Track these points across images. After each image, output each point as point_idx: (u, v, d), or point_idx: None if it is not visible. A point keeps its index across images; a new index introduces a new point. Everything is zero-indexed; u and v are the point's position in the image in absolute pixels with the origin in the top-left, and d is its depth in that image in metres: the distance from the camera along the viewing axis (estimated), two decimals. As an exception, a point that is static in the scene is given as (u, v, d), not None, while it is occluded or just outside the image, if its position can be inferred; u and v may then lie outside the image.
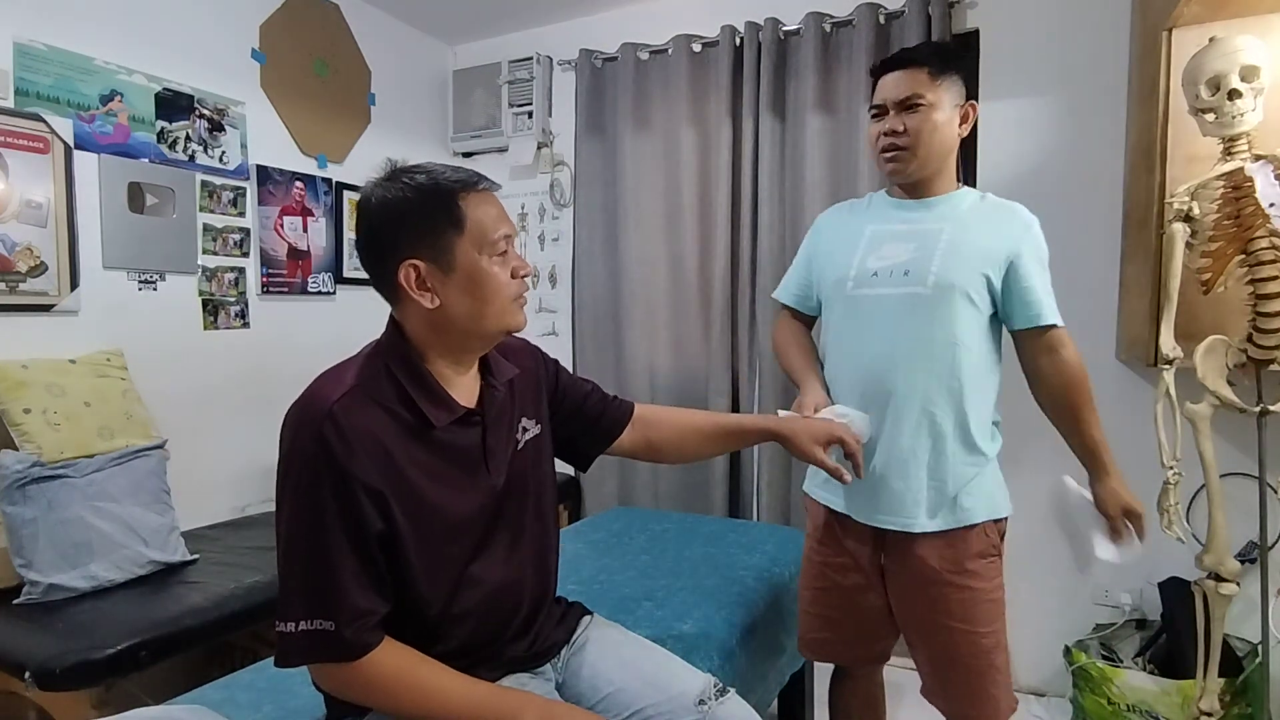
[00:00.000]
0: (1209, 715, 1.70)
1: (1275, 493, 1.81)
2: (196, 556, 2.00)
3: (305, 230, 2.74)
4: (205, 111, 2.39)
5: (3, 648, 1.55)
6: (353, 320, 2.87)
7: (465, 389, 1.05)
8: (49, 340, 2.01)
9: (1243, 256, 1.59)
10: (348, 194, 2.88)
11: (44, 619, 1.64)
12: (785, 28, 2.62)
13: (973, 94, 1.43)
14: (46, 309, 2.02)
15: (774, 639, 1.69)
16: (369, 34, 2.97)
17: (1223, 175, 1.61)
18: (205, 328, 2.42)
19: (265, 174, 2.58)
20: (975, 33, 2.40)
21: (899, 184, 1.43)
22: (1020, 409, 1.44)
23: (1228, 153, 1.61)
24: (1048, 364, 1.34)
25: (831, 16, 2.55)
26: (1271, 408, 1.64)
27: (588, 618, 1.23)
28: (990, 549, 1.37)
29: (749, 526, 2.20)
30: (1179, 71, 1.70)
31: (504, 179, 2.91)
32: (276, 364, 2.59)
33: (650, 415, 1.29)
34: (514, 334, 1.07)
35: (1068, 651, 2.13)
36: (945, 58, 1.36)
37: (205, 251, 2.40)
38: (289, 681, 1.26)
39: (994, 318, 1.37)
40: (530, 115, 3.10)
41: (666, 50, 2.82)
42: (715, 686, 1.11)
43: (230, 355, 2.49)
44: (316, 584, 0.91)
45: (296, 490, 0.92)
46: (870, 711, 1.62)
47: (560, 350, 3.08)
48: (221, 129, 2.44)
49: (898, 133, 1.34)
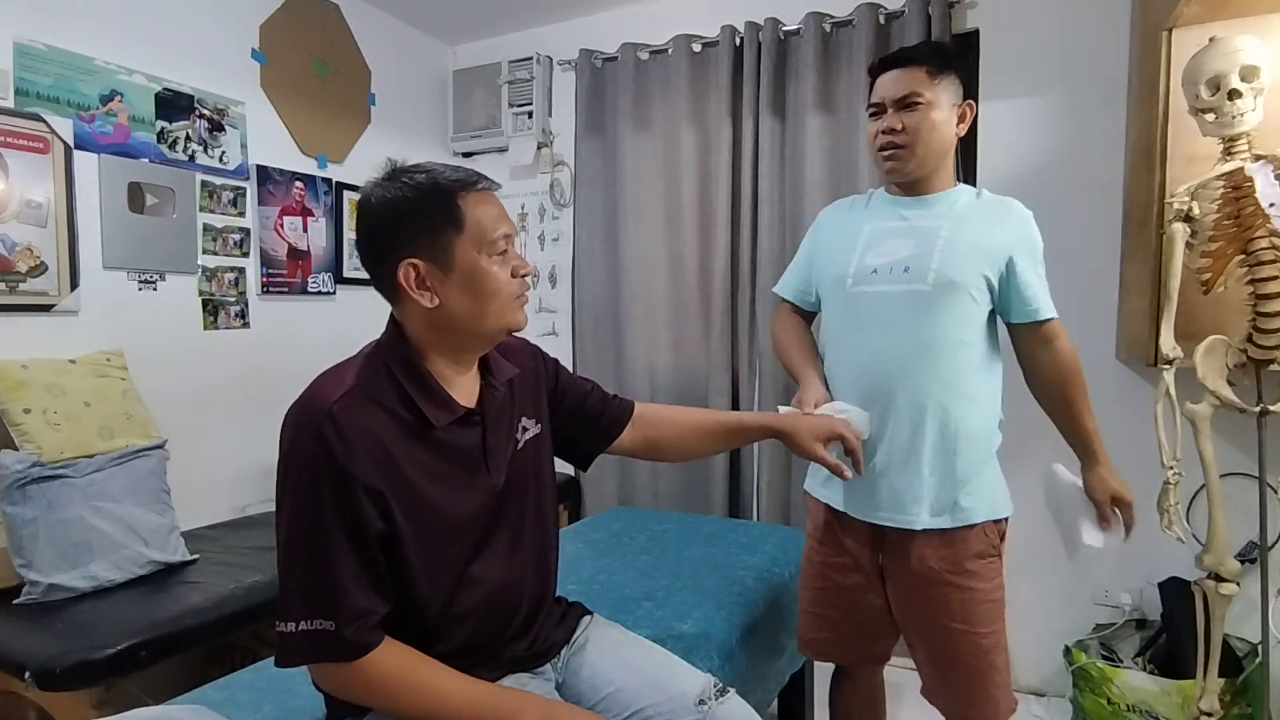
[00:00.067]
0: (1209, 715, 1.70)
1: (1275, 493, 1.81)
2: (196, 556, 2.00)
3: (305, 230, 2.74)
4: (205, 111, 2.39)
5: (3, 648, 1.55)
6: (353, 320, 2.87)
7: (465, 389, 1.05)
8: (49, 340, 2.01)
9: (1243, 256, 1.59)
10: (348, 194, 2.88)
11: (44, 619, 1.64)
12: (785, 28, 2.62)
13: (971, 94, 1.43)
14: (46, 309, 2.02)
15: (774, 639, 1.69)
16: (369, 34, 2.97)
17: (1223, 175, 1.61)
18: (205, 328, 2.42)
19: (265, 174, 2.58)
20: (975, 33, 2.40)
21: (897, 182, 1.43)
22: (1021, 408, 1.45)
23: (1228, 153, 1.61)
24: (1043, 355, 1.36)
25: (831, 16, 2.55)
26: (1271, 408, 1.64)
27: (588, 618, 1.23)
28: (990, 549, 1.37)
29: (749, 526, 2.19)
30: (1179, 71, 1.71)
31: (504, 179, 2.90)
32: (276, 364, 2.59)
33: (650, 414, 1.30)
34: (514, 333, 1.07)
35: (1068, 651, 2.13)
36: (943, 57, 1.37)
37: (205, 251, 2.40)
38: (289, 681, 1.26)
39: (992, 313, 1.37)
40: (530, 115, 3.10)
41: (666, 50, 2.82)
42: (715, 686, 1.11)
43: (230, 355, 2.49)
44: (316, 584, 0.91)
45: (296, 490, 0.92)
46: (870, 712, 1.62)
47: (560, 350, 3.08)
48: (221, 129, 2.44)
49: (896, 131, 1.35)
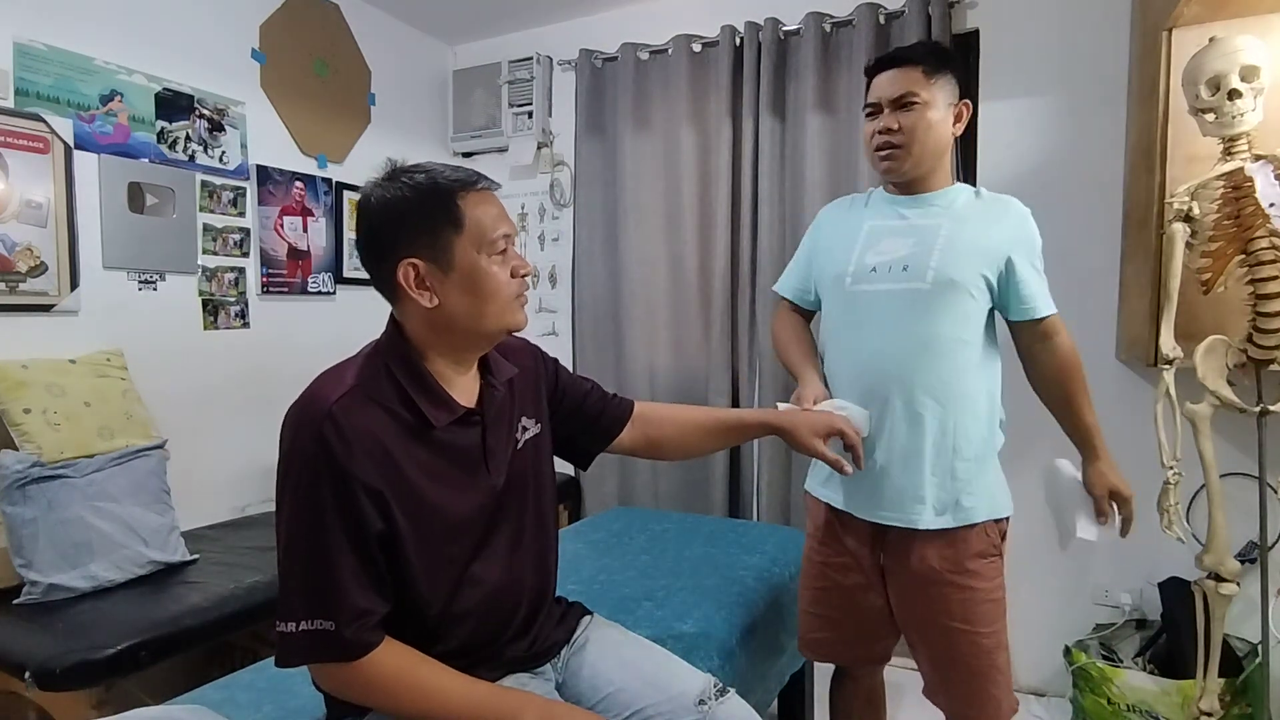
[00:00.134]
0: (1209, 715, 1.70)
1: (1275, 493, 1.81)
2: (196, 556, 2.00)
3: (305, 230, 2.74)
4: (205, 111, 2.39)
5: (3, 648, 1.55)
6: (353, 320, 2.87)
7: (465, 389, 1.05)
8: (49, 340, 2.01)
9: (1243, 256, 1.59)
10: (348, 194, 2.88)
11: (44, 619, 1.64)
12: (785, 28, 2.62)
13: (971, 94, 1.43)
14: (46, 309, 2.02)
15: (774, 639, 1.69)
16: (369, 34, 2.97)
17: (1223, 175, 1.61)
18: (205, 328, 2.42)
19: (265, 174, 2.58)
20: (975, 33, 2.40)
21: (893, 182, 1.43)
22: (1021, 408, 1.45)
23: (1228, 153, 1.61)
24: (1043, 351, 1.37)
25: (831, 16, 2.55)
26: (1271, 408, 1.64)
27: (588, 618, 1.23)
28: (991, 549, 1.37)
29: (749, 526, 2.19)
30: (1179, 71, 1.71)
31: (504, 179, 2.90)
32: (276, 364, 2.59)
33: (650, 412, 1.30)
34: (514, 333, 1.07)
35: (1068, 651, 2.13)
36: (939, 56, 1.37)
37: (205, 251, 2.40)
38: (289, 681, 1.26)
39: (991, 311, 1.37)
40: (530, 115, 3.10)
41: (666, 50, 2.82)
42: (715, 686, 1.11)
43: (230, 355, 2.49)
44: (316, 584, 0.91)
45: (296, 490, 0.92)
46: (871, 712, 1.62)
47: (560, 350, 3.08)
48: (221, 129, 2.44)
49: (892, 131, 1.35)
